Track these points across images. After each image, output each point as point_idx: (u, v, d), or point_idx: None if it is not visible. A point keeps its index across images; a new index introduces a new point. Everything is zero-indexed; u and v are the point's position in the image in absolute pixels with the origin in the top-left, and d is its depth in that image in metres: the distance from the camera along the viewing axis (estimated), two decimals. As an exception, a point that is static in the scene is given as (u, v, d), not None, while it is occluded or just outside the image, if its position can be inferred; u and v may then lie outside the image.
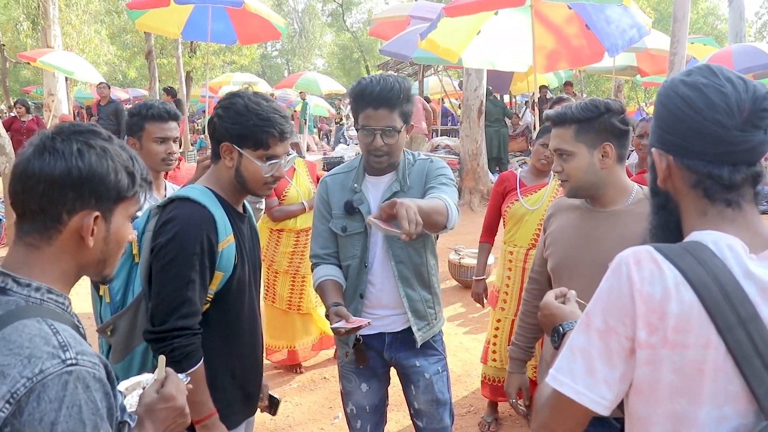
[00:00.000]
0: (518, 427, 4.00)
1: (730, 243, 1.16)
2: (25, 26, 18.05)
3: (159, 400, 1.41)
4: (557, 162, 2.19)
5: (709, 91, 1.18)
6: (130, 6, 10.22)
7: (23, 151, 1.27)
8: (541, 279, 2.43)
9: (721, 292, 1.11)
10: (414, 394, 2.68)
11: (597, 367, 1.18)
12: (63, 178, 1.24)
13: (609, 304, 1.18)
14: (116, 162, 1.30)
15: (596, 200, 2.20)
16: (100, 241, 1.30)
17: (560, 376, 1.21)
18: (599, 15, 7.50)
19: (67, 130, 1.28)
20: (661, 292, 1.12)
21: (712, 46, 16.04)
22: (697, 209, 1.24)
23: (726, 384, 1.12)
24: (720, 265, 1.13)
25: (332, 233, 2.59)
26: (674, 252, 1.16)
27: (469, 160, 11.24)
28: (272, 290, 4.71)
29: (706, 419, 1.14)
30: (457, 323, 5.92)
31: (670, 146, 1.24)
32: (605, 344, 1.18)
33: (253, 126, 2.03)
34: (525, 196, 3.72)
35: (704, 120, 1.18)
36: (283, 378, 4.75)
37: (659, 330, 1.13)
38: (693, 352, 1.12)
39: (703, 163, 1.20)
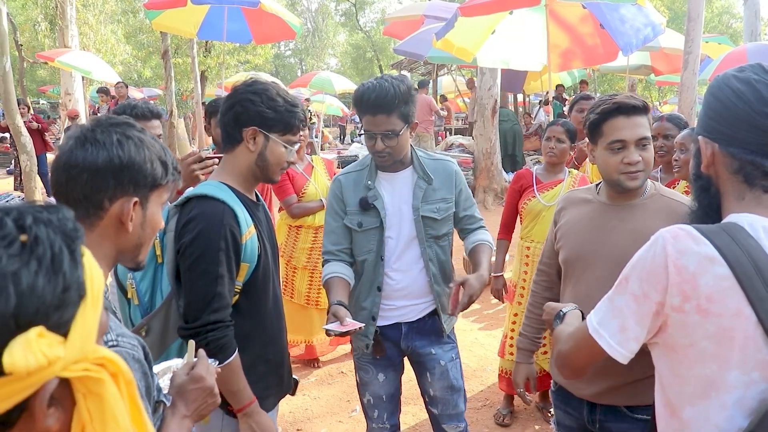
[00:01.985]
0: (533, 420, 4.06)
1: (765, 225, 1.27)
2: (43, 26, 18.24)
3: (189, 381, 1.49)
4: (635, 152, 2.08)
5: (759, 86, 1.28)
6: (147, 6, 10.32)
7: (64, 143, 1.36)
8: (550, 271, 2.47)
9: (754, 267, 1.20)
10: (429, 381, 2.77)
11: (629, 325, 1.32)
12: (105, 166, 1.32)
13: (644, 272, 1.30)
14: (152, 151, 1.39)
15: (621, 194, 2.19)
16: (137, 226, 1.38)
17: (600, 329, 1.37)
18: (613, 14, 7.53)
19: (105, 123, 1.37)
20: (695, 264, 1.23)
21: (727, 44, 15.96)
22: (736, 193, 1.34)
23: (755, 351, 1.21)
24: (754, 244, 1.23)
25: (345, 230, 2.67)
26: (711, 231, 1.26)
27: (482, 159, 11.28)
28: (291, 286, 4.79)
29: (735, 383, 1.23)
30: (472, 319, 5.98)
31: (717, 134, 1.34)
32: (638, 307, 1.31)
33: (285, 111, 2.10)
34: (541, 192, 3.78)
35: (752, 111, 1.28)
36: (302, 372, 4.83)
37: (692, 298, 1.23)
38: (725, 321, 1.21)
39: (747, 151, 1.30)
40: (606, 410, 2.19)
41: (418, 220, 2.64)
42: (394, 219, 2.65)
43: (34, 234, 0.75)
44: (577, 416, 2.28)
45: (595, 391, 2.18)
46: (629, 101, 2.09)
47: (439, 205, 2.67)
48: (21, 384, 0.70)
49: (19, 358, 0.67)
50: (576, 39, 8.20)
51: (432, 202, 2.65)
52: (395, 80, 2.52)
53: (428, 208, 2.64)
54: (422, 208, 2.63)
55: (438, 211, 2.66)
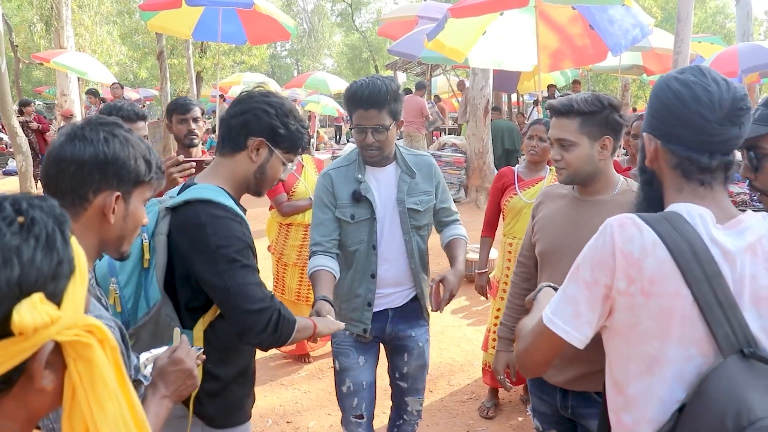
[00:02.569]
0: (517, 413, 4.16)
1: (701, 213, 1.38)
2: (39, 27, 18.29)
3: (170, 363, 1.59)
4: (557, 151, 2.28)
5: (696, 88, 1.39)
6: (142, 7, 10.37)
7: (56, 139, 1.47)
8: (528, 263, 2.58)
9: (691, 252, 1.32)
10: (406, 360, 2.98)
11: (582, 311, 1.41)
12: (91, 160, 1.43)
13: (594, 260, 1.40)
14: (136, 150, 1.50)
15: (586, 189, 2.33)
16: (120, 219, 1.47)
17: (554, 318, 1.44)
18: (602, 15, 7.62)
19: (94, 122, 1.49)
20: (639, 250, 1.34)
21: (719, 45, 16.06)
22: (676, 186, 1.46)
23: (692, 329, 1.32)
24: (691, 231, 1.35)
25: (335, 222, 2.78)
26: (653, 219, 1.37)
27: (475, 159, 11.37)
28: (281, 282, 4.88)
29: (675, 358, 1.34)
30: (461, 315, 6.07)
31: (659, 132, 1.46)
32: (590, 293, 1.40)
33: (296, 131, 2.10)
34: (523, 190, 3.88)
35: (689, 111, 1.39)
36: (292, 367, 4.92)
37: (636, 281, 1.34)
38: (665, 301, 1.32)
39: (685, 148, 1.42)
40: (577, 396, 2.29)
41: (404, 211, 2.78)
42: (382, 211, 2.78)
43: (31, 216, 0.84)
44: (551, 402, 2.38)
45: (567, 378, 2.27)
46: (555, 105, 2.26)
47: (422, 198, 2.83)
48: (24, 345, 0.79)
49: (27, 317, 0.77)
50: (566, 39, 8.29)
51: (415, 194, 2.81)
52: (386, 79, 2.68)
53: (412, 201, 2.79)
54: (407, 201, 2.78)
55: (420, 203, 2.82)
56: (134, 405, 0.91)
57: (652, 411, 1.37)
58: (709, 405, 1.24)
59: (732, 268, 1.34)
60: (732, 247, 1.35)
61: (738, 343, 1.30)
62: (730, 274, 1.34)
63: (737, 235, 1.37)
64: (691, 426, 1.27)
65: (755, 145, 1.76)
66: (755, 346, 1.30)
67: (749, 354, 1.28)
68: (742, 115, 1.39)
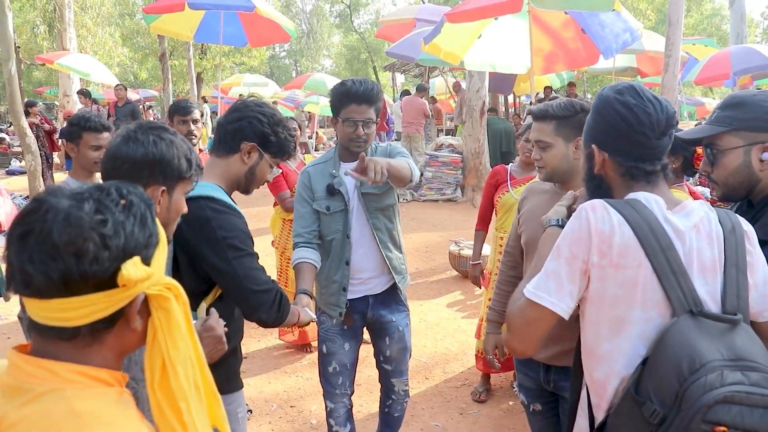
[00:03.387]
0: (507, 397, 4.40)
1: (656, 199, 1.66)
2: (42, 29, 18.53)
3: (203, 330, 1.84)
4: (536, 151, 2.53)
5: (638, 110, 1.66)
6: (146, 10, 10.59)
7: (113, 140, 1.76)
8: (515, 252, 2.82)
9: (649, 229, 1.59)
10: (388, 344, 3.24)
11: (564, 284, 1.64)
12: (142, 160, 1.72)
13: (573, 239, 1.64)
14: (179, 151, 1.79)
15: (565, 185, 2.57)
16: (164, 209, 1.75)
17: (538, 292, 1.65)
18: (594, 20, 7.88)
19: (145, 126, 1.77)
20: (609, 229, 1.59)
21: (712, 47, 16.34)
22: (626, 187, 1.74)
23: (652, 293, 1.59)
24: (648, 213, 1.62)
25: (314, 214, 3.06)
26: (618, 203, 1.65)
27: (471, 159, 11.61)
28: (285, 275, 5.13)
29: (638, 320, 1.60)
30: (456, 309, 6.32)
31: (606, 146, 1.73)
32: (570, 267, 1.63)
33: (285, 139, 2.39)
34: (515, 187, 4.12)
35: (634, 132, 1.68)
36: (295, 356, 5.16)
37: (607, 255, 1.59)
38: (630, 271, 1.59)
39: (631, 159, 1.70)
40: (559, 371, 2.53)
41: (361, 196, 3.05)
42: (352, 201, 3.05)
43: (129, 199, 1.09)
44: (535, 377, 2.62)
45: (549, 355, 2.51)
46: (533, 110, 2.53)
47: None
48: (124, 294, 1.04)
49: (132, 272, 1.03)
50: (559, 43, 8.55)
51: None
52: (373, 82, 3.03)
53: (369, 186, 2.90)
54: (362, 186, 3.02)
55: (376, 187, 2.98)
56: (197, 347, 1.16)
57: (619, 366, 1.63)
58: (667, 355, 1.50)
59: (683, 243, 1.61)
60: (682, 226, 1.62)
61: (688, 304, 1.56)
62: (681, 248, 1.60)
63: (685, 216, 1.64)
64: (653, 373, 1.52)
65: (712, 143, 2.01)
66: (701, 305, 1.57)
67: (697, 313, 1.55)
68: (672, 129, 1.70)
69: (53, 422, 0.97)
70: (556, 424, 2.65)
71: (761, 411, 1.40)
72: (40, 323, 1.04)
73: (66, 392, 1.01)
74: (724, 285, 1.62)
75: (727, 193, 2.02)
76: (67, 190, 1.05)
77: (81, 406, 1.00)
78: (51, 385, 1.02)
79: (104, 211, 1.04)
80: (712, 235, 1.64)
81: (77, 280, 1.00)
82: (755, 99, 1.94)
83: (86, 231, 1.00)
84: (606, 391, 1.67)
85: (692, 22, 34.41)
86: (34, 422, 0.98)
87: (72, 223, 1.00)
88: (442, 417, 4.19)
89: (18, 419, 0.99)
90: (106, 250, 1.01)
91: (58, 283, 0.99)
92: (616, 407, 1.62)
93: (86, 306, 1.02)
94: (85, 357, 1.06)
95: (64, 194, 1.04)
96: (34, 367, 1.03)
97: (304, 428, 4.09)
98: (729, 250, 1.64)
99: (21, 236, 1.01)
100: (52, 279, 0.99)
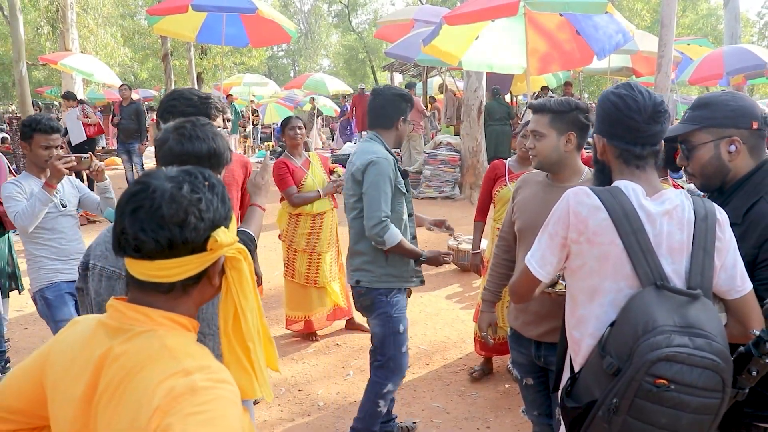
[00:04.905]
0: (504, 381, 4.64)
1: (634, 187, 1.92)
2: (45, 30, 18.73)
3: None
4: (531, 140, 2.78)
5: (627, 99, 1.95)
6: (150, 12, 10.76)
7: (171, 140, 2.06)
8: (508, 238, 3.05)
9: (623, 213, 1.85)
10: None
11: (546, 255, 1.97)
12: (206, 154, 2.06)
13: (556, 218, 1.95)
14: (225, 143, 2.13)
15: (556, 176, 2.80)
16: None
17: (531, 259, 2.01)
18: (588, 21, 8.12)
19: (198, 123, 2.09)
20: (586, 211, 1.87)
21: (707, 47, 16.52)
22: (618, 170, 2.02)
23: (621, 267, 1.85)
24: (625, 199, 1.88)
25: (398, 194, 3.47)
26: (599, 190, 1.92)
27: (469, 157, 11.84)
28: (292, 267, 5.37)
29: (609, 289, 1.88)
30: (454, 300, 6.57)
31: (605, 133, 2.02)
32: (551, 241, 1.95)
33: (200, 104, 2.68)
34: (512, 181, 4.35)
35: (624, 117, 1.95)
36: (301, 344, 5.40)
37: (584, 233, 1.87)
38: (604, 248, 1.86)
39: (623, 142, 1.98)
40: (548, 347, 2.77)
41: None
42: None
43: (212, 181, 1.36)
44: (526, 354, 2.86)
45: (540, 332, 2.76)
46: (534, 104, 2.77)
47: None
48: (210, 256, 1.31)
49: (223, 237, 1.30)
50: (554, 44, 8.78)
51: None
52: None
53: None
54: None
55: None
56: (259, 301, 1.43)
57: (592, 328, 1.90)
58: (629, 318, 1.76)
59: (653, 226, 1.86)
60: (654, 211, 1.87)
61: (653, 278, 1.81)
62: (651, 231, 1.86)
63: (660, 203, 1.90)
64: (617, 334, 1.79)
65: (686, 140, 2.26)
66: (666, 281, 1.82)
67: (660, 286, 1.80)
68: (661, 116, 1.95)
69: (151, 354, 1.24)
70: (546, 396, 2.90)
71: (699, 370, 1.66)
72: (143, 279, 1.30)
73: (159, 332, 1.28)
74: (690, 265, 1.86)
75: (704, 183, 2.27)
76: (163, 175, 1.31)
77: (171, 343, 1.26)
78: (147, 326, 1.28)
79: (198, 191, 1.30)
80: (684, 220, 1.88)
81: (179, 245, 1.27)
82: (720, 99, 2.20)
83: (188, 206, 1.27)
84: (581, 348, 1.95)
85: (688, 22, 34.68)
86: (135, 353, 1.24)
87: (176, 200, 1.27)
88: (442, 399, 4.44)
89: (122, 352, 1.25)
90: (202, 221, 1.28)
91: (164, 247, 1.26)
92: (587, 361, 1.90)
93: (182, 266, 1.29)
94: (175, 306, 1.32)
95: (164, 177, 1.30)
96: (134, 312, 1.30)
97: (312, 410, 4.34)
98: (698, 234, 1.88)
99: (133, 211, 1.27)
100: (161, 244, 1.25)
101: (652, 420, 1.68)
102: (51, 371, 1.34)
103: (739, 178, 2.17)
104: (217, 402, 1.17)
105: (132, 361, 1.23)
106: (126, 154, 11.79)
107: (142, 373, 1.21)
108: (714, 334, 1.71)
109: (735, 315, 1.93)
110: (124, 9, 25.69)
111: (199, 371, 1.21)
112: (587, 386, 1.86)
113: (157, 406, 1.15)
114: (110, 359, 1.25)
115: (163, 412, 1.14)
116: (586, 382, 1.87)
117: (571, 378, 1.98)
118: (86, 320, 1.39)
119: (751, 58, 12.59)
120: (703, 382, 1.66)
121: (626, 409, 1.70)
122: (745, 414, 2.01)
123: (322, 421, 4.19)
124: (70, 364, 1.31)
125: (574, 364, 2.01)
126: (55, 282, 3.77)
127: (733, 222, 2.00)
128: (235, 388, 1.26)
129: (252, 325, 1.38)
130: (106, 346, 1.27)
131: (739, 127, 2.14)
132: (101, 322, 1.33)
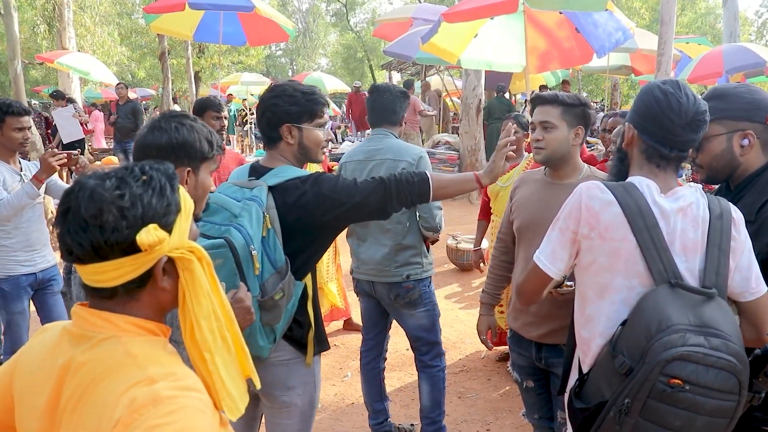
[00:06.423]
0: (504, 382, 4.59)
1: (648, 183, 1.87)
2: (42, 29, 18.64)
3: (233, 302, 2.00)
4: (539, 132, 2.68)
5: (671, 98, 1.85)
6: (146, 10, 10.68)
7: (141, 130, 1.94)
8: (506, 239, 2.99)
9: (637, 209, 1.80)
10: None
11: (557, 250, 1.92)
12: (166, 145, 1.89)
13: (567, 213, 1.90)
14: (200, 134, 1.96)
15: (556, 173, 2.74)
16: (191, 188, 1.92)
17: (540, 256, 1.96)
18: (587, 19, 8.06)
19: (168, 115, 1.96)
20: (599, 206, 1.82)
21: (706, 45, 16.49)
22: (638, 165, 1.96)
23: (634, 264, 1.80)
24: (639, 195, 1.83)
25: None
26: (613, 185, 1.87)
27: (468, 156, 11.79)
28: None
29: (621, 287, 1.82)
30: (453, 300, 6.52)
31: (637, 124, 1.92)
32: (562, 236, 1.90)
33: (306, 102, 2.43)
34: (500, 176, 4.40)
35: (662, 115, 1.86)
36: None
37: (595, 228, 1.82)
38: (616, 243, 1.80)
39: (653, 140, 1.90)
40: (549, 349, 2.71)
41: None
42: None
43: (150, 174, 1.26)
44: (527, 356, 2.80)
45: (541, 333, 2.70)
46: (544, 95, 2.70)
47: None
48: (147, 257, 1.21)
49: (145, 237, 1.18)
50: (553, 42, 8.72)
51: None
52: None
53: None
54: None
55: None
56: (223, 304, 1.32)
57: (602, 327, 1.85)
58: (641, 317, 1.71)
59: (667, 224, 1.81)
60: (668, 208, 1.82)
61: (667, 276, 1.76)
62: (665, 228, 1.80)
63: (673, 201, 1.84)
64: (629, 332, 1.73)
65: None
66: (680, 279, 1.76)
67: (674, 284, 1.74)
68: (700, 125, 1.87)
69: (114, 362, 1.16)
70: (547, 400, 2.84)
71: (715, 371, 1.60)
72: (88, 285, 1.23)
73: (122, 339, 1.20)
74: (705, 263, 1.81)
75: (711, 175, 2.20)
76: (99, 172, 1.23)
77: (135, 350, 1.19)
78: (110, 332, 1.21)
79: (122, 187, 1.20)
80: (698, 218, 1.82)
81: (104, 247, 1.17)
82: (735, 91, 2.13)
83: (106, 204, 1.17)
84: (590, 348, 1.89)
85: (686, 20, 34.60)
86: (98, 362, 1.17)
87: (95, 198, 1.18)
88: (441, 401, 4.37)
89: (85, 360, 1.18)
90: (124, 219, 1.18)
91: (89, 250, 1.17)
92: (597, 361, 1.84)
93: (117, 269, 1.19)
94: (130, 312, 1.24)
95: (94, 175, 1.22)
96: (96, 318, 1.22)
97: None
98: (713, 233, 1.82)
99: (63, 213, 1.20)
100: (85, 247, 1.17)
101: (665, 422, 1.63)
102: (18, 380, 1.28)
103: (749, 174, 2.10)
104: (183, 412, 1.10)
105: (95, 370, 1.16)
106: (123, 153, 11.73)
107: (105, 382, 1.14)
108: (730, 334, 1.66)
109: (748, 318, 1.87)
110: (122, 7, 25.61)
111: (164, 379, 1.14)
112: (597, 387, 1.81)
113: (118, 419, 1.08)
114: (73, 368, 1.18)
115: (124, 425, 1.07)
116: (596, 382, 1.82)
117: (580, 379, 1.92)
118: (54, 327, 1.32)
119: (751, 57, 12.54)
120: (719, 383, 1.60)
121: (638, 411, 1.65)
122: (755, 418, 1.95)
123: (320, 423, 4.13)
124: (35, 373, 1.25)
125: (582, 365, 1.95)
126: (14, 275, 3.82)
127: (746, 219, 1.93)
128: (205, 395, 1.19)
129: (208, 332, 1.27)
130: (69, 354, 1.20)
131: (754, 121, 2.07)
132: (65, 329, 1.26)
